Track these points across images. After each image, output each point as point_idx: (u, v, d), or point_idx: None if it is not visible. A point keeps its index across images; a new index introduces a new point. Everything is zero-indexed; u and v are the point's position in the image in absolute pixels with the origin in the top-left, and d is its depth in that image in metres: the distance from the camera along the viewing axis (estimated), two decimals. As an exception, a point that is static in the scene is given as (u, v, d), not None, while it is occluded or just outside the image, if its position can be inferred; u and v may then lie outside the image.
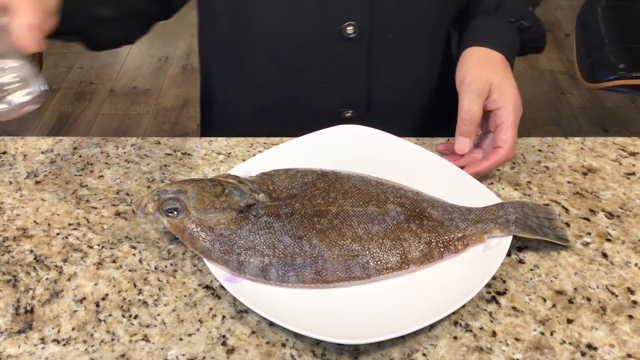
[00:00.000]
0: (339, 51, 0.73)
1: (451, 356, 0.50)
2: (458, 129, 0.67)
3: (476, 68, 0.69)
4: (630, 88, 1.51)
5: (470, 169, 0.67)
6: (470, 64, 0.70)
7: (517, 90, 0.68)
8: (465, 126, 0.67)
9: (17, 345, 0.52)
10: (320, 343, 0.51)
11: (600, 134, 1.77)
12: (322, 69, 0.76)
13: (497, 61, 0.70)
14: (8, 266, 0.59)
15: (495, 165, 0.66)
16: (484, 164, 0.66)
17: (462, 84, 0.69)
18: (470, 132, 0.67)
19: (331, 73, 0.76)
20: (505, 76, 0.69)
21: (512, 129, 0.66)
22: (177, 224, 0.56)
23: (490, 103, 0.67)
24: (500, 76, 0.68)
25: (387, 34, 0.73)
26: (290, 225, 0.56)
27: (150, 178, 0.69)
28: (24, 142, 0.74)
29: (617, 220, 0.63)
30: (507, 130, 0.66)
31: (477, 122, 0.67)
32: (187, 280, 0.57)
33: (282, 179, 0.62)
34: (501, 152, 0.66)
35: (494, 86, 0.67)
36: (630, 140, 0.74)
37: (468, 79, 0.68)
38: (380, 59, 0.75)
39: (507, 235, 0.58)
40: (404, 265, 0.55)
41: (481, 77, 0.68)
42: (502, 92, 0.67)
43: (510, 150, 0.66)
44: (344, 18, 0.70)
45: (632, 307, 0.54)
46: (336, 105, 0.78)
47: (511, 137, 0.66)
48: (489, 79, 0.68)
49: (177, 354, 0.51)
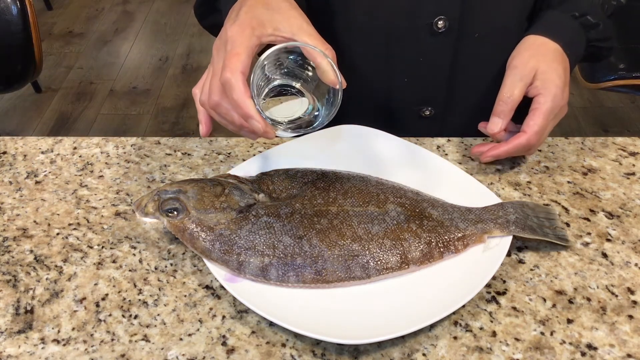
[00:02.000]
0: (427, 45, 0.73)
1: (451, 356, 0.50)
2: (494, 109, 0.68)
3: (526, 53, 0.70)
4: (630, 88, 1.51)
5: (490, 151, 0.67)
6: (521, 49, 0.71)
7: (562, 82, 0.67)
8: (500, 106, 0.67)
9: (17, 345, 0.52)
10: (320, 343, 0.51)
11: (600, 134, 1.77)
12: (408, 62, 0.75)
13: (550, 50, 0.70)
14: (8, 266, 0.59)
15: (514, 150, 0.66)
16: (503, 146, 0.66)
17: (509, 66, 0.70)
18: (505, 113, 0.67)
19: (415, 67, 0.75)
20: (553, 66, 0.68)
21: (543, 117, 0.66)
22: (177, 224, 0.56)
23: (532, 89, 0.68)
24: (548, 65, 0.68)
25: (473, 32, 0.73)
26: (290, 225, 0.56)
27: (150, 178, 0.69)
28: (24, 142, 0.74)
29: (617, 220, 0.63)
30: (538, 116, 0.66)
31: (513, 104, 0.67)
32: (187, 280, 0.57)
33: (282, 179, 0.62)
34: (522, 137, 0.66)
35: (539, 73, 0.68)
36: (630, 140, 0.74)
37: (515, 62, 0.69)
38: (464, 56, 0.75)
39: (507, 235, 0.58)
40: (404, 265, 0.55)
41: (528, 63, 0.68)
42: (545, 80, 0.67)
43: (533, 136, 0.65)
44: (437, 12, 0.71)
45: (632, 307, 0.54)
46: (415, 102, 0.79)
47: (538, 124, 0.65)
48: (536, 65, 0.68)
49: (177, 354, 0.51)
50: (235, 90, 0.51)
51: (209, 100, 0.55)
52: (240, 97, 0.51)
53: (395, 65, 0.76)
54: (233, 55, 0.52)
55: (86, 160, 0.71)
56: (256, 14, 0.55)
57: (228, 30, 0.54)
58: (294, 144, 0.69)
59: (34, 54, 1.24)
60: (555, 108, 0.67)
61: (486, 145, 0.69)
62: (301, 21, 0.56)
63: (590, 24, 0.73)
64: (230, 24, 0.55)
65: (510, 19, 0.76)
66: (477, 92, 0.80)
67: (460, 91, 0.79)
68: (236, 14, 0.56)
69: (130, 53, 2.71)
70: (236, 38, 0.53)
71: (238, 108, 0.52)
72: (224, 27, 0.56)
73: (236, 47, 0.53)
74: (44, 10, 3.03)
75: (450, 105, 0.79)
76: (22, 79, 1.30)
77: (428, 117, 0.79)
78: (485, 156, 0.68)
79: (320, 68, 0.54)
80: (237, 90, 0.51)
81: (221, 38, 0.55)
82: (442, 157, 0.68)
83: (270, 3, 0.57)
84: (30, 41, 1.22)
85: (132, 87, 2.49)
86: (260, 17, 0.55)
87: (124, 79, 2.55)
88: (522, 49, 0.71)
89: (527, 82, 0.67)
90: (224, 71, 0.52)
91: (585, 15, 0.73)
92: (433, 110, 0.79)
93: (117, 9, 3.08)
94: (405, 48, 0.74)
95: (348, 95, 0.80)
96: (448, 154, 0.72)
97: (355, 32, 0.74)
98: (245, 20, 0.54)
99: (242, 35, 0.53)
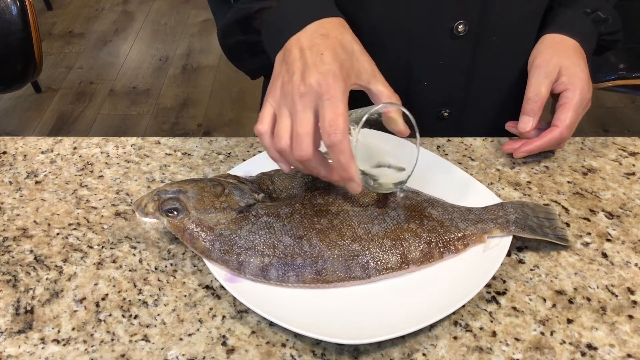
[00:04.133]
0: (447, 49, 0.74)
1: (451, 356, 0.50)
2: (523, 109, 0.69)
3: (547, 52, 0.71)
4: (630, 88, 1.51)
5: (523, 147, 0.68)
6: (541, 48, 0.72)
7: (587, 76, 0.68)
8: (529, 105, 0.68)
9: (17, 345, 0.52)
10: (320, 343, 0.51)
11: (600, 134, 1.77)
12: (428, 66, 0.76)
13: (570, 47, 0.71)
14: (8, 266, 0.59)
15: (548, 144, 0.67)
16: (536, 141, 0.67)
17: (532, 66, 0.70)
18: (534, 112, 0.68)
19: (435, 71, 0.76)
20: (576, 61, 0.69)
21: (573, 110, 0.67)
22: (177, 224, 0.56)
23: (558, 85, 0.68)
24: (571, 61, 0.69)
25: (492, 36, 0.74)
26: (290, 225, 0.56)
27: (150, 178, 0.69)
28: (24, 142, 0.74)
29: (617, 220, 0.63)
30: (568, 110, 0.67)
31: (542, 102, 0.68)
32: (187, 280, 0.57)
33: (282, 179, 0.63)
34: (555, 131, 0.66)
35: (563, 69, 0.68)
36: (630, 140, 0.74)
37: (538, 62, 0.70)
38: (482, 59, 0.76)
39: (507, 235, 0.58)
40: (404, 265, 0.55)
41: (551, 60, 0.69)
42: (571, 75, 0.68)
43: (565, 130, 0.66)
44: (457, 16, 0.71)
45: (632, 307, 0.54)
46: (434, 104, 0.79)
47: (569, 118, 0.66)
48: (559, 62, 0.69)
49: (177, 354, 0.51)
50: (344, 154, 0.50)
51: (296, 153, 0.52)
52: (348, 161, 0.51)
53: (415, 69, 0.76)
54: (337, 115, 0.50)
55: (86, 160, 0.71)
56: (342, 61, 0.53)
57: (317, 77, 0.51)
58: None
59: (34, 54, 1.24)
60: (583, 101, 0.68)
61: (518, 142, 0.69)
62: (373, 67, 0.56)
63: (601, 19, 0.75)
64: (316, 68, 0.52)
65: (527, 21, 0.76)
66: (494, 93, 0.81)
67: (478, 92, 0.79)
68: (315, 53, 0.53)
69: (130, 53, 2.71)
70: (333, 93, 0.51)
71: (343, 171, 0.51)
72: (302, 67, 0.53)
73: (336, 105, 0.50)
74: (44, 10, 3.03)
75: (468, 106, 0.80)
76: (22, 79, 1.29)
77: (445, 118, 0.80)
78: (519, 151, 0.69)
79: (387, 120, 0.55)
80: (346, 154, 0.50)
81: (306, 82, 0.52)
82: (442, 157, 0.68)
83: (346, 45, 0.55)
84: (30, 41, 1.22)
85: (132, 87, 2.50)
86: (346, 65, 0.53)
87: (124, 79, 2.55)
88: (543, 48, 0.72)
89: (553, 79, 0.68)
90: (330, 133, 0.50)
91: (597, 12, 0.74)
92: (451, 111, 0.80)
93: (117, 9, 3.08)
94: (425, 53, 0.74)
95: None
96: (448, 154, 0.72)
97: (375, 38, 0.74)
98: (336, 69, 0.52)
99: (339, 89, 0.51)
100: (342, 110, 0.50)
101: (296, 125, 0.52)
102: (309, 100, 0.51)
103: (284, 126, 0.53)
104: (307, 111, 0.51)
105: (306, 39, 0.55)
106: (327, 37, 0.55)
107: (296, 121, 0.52)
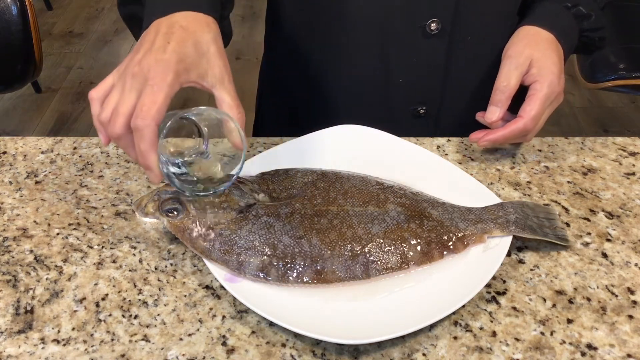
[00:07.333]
0: (421, 46, 0.74)
1: (451, 356, 0.50)
2: (491, 99, 0.69)
3: (521, 43, 0.71)
4: (630, 88, 1.51)
5: (487, 136, 0.68)
6: (515, 39, 0.72)
7: (557, 69, 0.68)
8: (497, 95, 0.68)
9: (17, 345, 0.52)
10: (320, 343, 0.51)
11: (600, 134, 1.77)
12: (403, 63, 0.76)
13: (544, 39, 0.71)
14: (8, 266, 0.59)
15: (511, 134, 0.67)
16: (500, 131, 0.67)
17: (504, 56, 0.71)
18: (502, 102, 0.68)
19: (410, 68, 0.76)
20: (548, 54, 0.69)
21: (539, 102, 0.67)
22: (177, 224, 0.56)
23: (528, 77, 0.68)
24: (542, 53, 0.69)
25: (466, 35, 0.74)
26: (290, 225, 0.56)
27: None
28: (24, 142, 0.74)
29: (617, 220, 0.63)
30: (534, 102, 0.67)
31: (510, 93, 0.68)
32: (187, 280, 0.57)
33: (282, 179, 0.62)
34: (519, 122, 0.66)
35: (534, 61, 0.68)
36: (630, 140, 0.74)
37: (510, 52, 0.70)
38: (457, 57, 0.76)
39: (507, 235, 0.58)
40: (404, 265, 0.55)
41: (523, 52, 0.69)
42: (541, 67, 0.68)
43: (530, 121, 0.66)
44: (430, 14, 0.71)
45: (632, 307, 0.54)
46: (410, 101, 0.79)
47: (535, 110, 0.66)
48: (531, 54, 0.69)
49: (177, 354, 0.51)
50: (145, 141, 0.50)
51: (110, 128, 0.52)
52: (147, 149, 0.51)
53: (390, 65, 0.76)
54: (152, 102, 0.50)
55: (86, 160, 0.71)
56: (184, 55, 0.53)
57: (151, 62, 0.51)
58: (294, 144, 0.69)
59: (34, 54, 1.24)
60: (552, 94, 0.68)
61: (483, 131, 0.69)
62: (224, 73, 0.55)
63: (583, 15, 0.75)
64: (155, 53, 0.52)
65: (501, 21, 0.76)
66: (470, 91, 0.81)
67: (454, 90, 0.79)
68: (163, 40, 0.53)
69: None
70: (158, 81, 0.51)
71: (142, 157, 0.51)
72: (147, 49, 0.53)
73: (156, 93, 0.50)
74: (44, 10, 3.03)
75: (444, 104, 0.80)
76: (22, 79, 1.29)
77: (422, 116, 0.80)
78: (482, 140, 0.68)
79: (228, 128, 0.55)
80: (146, 142, 0.50)
81: (141, 64, 0.52)
82: (442, 157, 0.68)
83: (201, 43, 0.54)
84: (30, 41, 1.22)
85: (132, 87, 2.49)
86: (187, 61, 0.53)
87: (124, 79, 2.54)
88: (517, 40, 0.72)
89: (523, 71, 0.68)
90: (139, 116, 0.50)
91: (578, 6, 0.74)
92: (427, 109, 0.80)
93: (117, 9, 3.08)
94: (399, 49, 0.75)
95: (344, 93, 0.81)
96: (448, 154, 0.72)
97: (350, 32, 0.75)
98: (172, 60, 0.52)
99: (165, 79, 0.51)
100: (160, 100, 0.50)
101: (118, 103, 0.52)
102: (137, 82, 0.52)
103: (111, 100, 0.53)
104: (132, 92, 0.52)
105: (166, 25, 0.55)
106: (185, 30, 0.54)
107: (121, 99, 0.52)
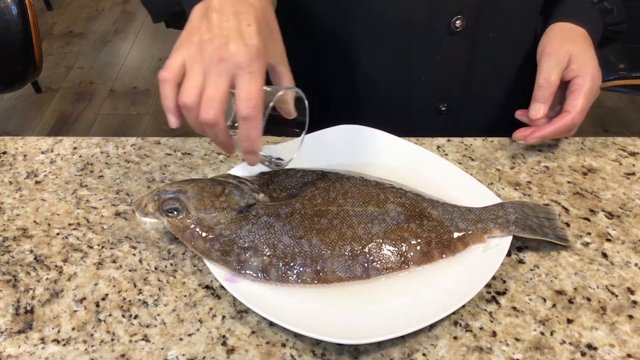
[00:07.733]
0: (445, 44, 0.74)
1: (451, 356, 0.50)
2: (534, 96, 0.69)
3: (557, 40, 0.71)
4: (630, 88, 1.51)
5: (535, 132, 0.68)
6: (551, 36, 0.72)
7: (596, 63, 0.69)
8: (540, 92, 0.68)
9: (17, 345, 0.52)
10: (320, 343, 0.51)
11: (600, 134, 1.77)
12: (427, 61, 0.76)
13: (579, 35, 0.71)
14: (8, 266, 0.59)
15: (560, 130, 0.67)
16: (548, 127, 0.68)
17: (542, 54, 0.71)
18: (545, 98, 0.68)
19: (434, 66, 0.76)
20: (586, 49, 0.70)
21: (584, 96, 0.67)
22: (177, 224, 0.56)
23: (569, 72, 0.69)
24: (581, 48, 0.69)
25: (489, 30, 0.75)
26: (290, 225, 0.56)
27: (150, 178, 0.69)
28: (24, 142, 0.74)
29: (617, 220, 0.63)
30: (579, 96, 0.67)
31: (553, 89, 0.68)
32: (187, 280, 0.57)
33: (282, 179, 0.62)
34: (567, 117, 0.67)
35: (573, 56, 0.69)
36: (630, 140, 0.74)
37: (547, 50, 0.70)
38: (481, 55, 0.76)
39: (507, 235, 0.58)
40: (404, 265, 0.55)
41: (561, 48, 0.69)
42: (581, 62, 0.68)
43: (577, 115, 0.67)
44: (455, 11, 0.72)
45: (632, 307, 0.54)
46: (433, 98, 0.79)
47: (581, 104, 0.67)
48: (569, 50, 0.69)
49: (177, 354, 0.51)
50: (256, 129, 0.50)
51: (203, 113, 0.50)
52: (258, 136, 0.51)
53: (414, 63, 0.76)
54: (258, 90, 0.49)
55: (86, 160, 0.71)
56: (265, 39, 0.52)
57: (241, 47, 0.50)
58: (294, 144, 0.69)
59: (34, 54, 1.24)
60: (594, 88, 0.68)
61: (529, 129, 0.70)
62: (283, 49, 0.56)
63: (607, 10, 0.75)
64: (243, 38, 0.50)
65: (525, 17, 0.77)
66: (492, 89, 0.81)
67: (476, 88, 0.80)
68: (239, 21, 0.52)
69: (130, 53, 2.71)
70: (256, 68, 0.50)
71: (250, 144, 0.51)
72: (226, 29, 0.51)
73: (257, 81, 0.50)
74: (44, 10, 3.03)
75: (466, 102, 0.80)
76: (22, 79, 1.29)
77: (443, 113, 0.80)
78: (530, 137, 0.69)
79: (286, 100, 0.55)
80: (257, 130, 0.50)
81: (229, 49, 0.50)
82: (442, 157, 0.68)
83: (270, 22, 0.54)
84: (30, 41, 1.22)
85: (132, 87, 2.50)
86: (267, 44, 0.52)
87: (124, 79, 2.55)
88: (552, 36, 0.72)
89: (563, 67, 0.69)
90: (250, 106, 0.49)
91: (603, 2, 0.75)
92: (449, 106, 0.80)
93: (117, 9, 3.08)
94: (424, 47, 0.75)
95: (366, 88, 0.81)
96: (448, 154, 0.72)
97: (375, 31, 0.75)
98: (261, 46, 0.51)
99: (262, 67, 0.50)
100: (260, 87, 0.50)
101: (209, 87, 0.50)
102: (227, 67, 0.50)
103: (196, 83, 0.51)
104: (222, 77, 0.50)
105: (232, 2, 0.53)
106: (254, 8, 0.53)
107: (210, 83, 0.51)
